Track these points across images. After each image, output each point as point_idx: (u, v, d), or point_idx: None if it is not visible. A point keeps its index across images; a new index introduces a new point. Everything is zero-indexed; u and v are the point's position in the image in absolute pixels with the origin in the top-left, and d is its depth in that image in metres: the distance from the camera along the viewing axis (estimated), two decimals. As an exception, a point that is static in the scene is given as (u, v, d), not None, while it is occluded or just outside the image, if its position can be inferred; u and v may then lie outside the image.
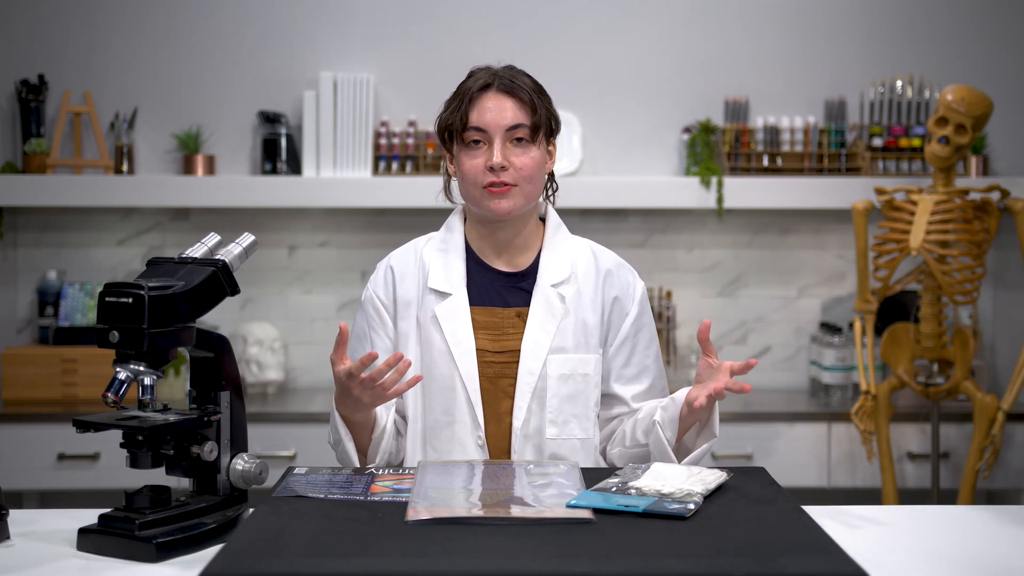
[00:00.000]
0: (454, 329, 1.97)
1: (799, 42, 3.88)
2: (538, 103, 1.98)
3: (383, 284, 2.06)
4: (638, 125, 3.88)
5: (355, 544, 1.41)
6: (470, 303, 1.99)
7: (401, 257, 2.08)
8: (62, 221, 3.87)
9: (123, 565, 1.53)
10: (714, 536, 1.44)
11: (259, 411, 3.49)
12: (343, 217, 3.89)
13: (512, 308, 2.00)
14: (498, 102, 1.96)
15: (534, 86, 2.00)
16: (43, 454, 3.40)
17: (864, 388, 3.36)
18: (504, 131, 1.95)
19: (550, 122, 2.01)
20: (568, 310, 2.00)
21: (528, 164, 1.96)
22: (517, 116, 1.96)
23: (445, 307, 1.99)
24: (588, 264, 2.05)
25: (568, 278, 2.02)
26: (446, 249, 2.04)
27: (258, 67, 3.85)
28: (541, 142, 1.99)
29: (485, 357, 1.98)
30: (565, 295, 2.00)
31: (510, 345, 1.98)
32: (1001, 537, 1.65)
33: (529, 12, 3.85)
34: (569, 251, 2.05)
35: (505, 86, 1.97)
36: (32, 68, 3.80)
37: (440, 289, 2.00)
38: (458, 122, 1.97)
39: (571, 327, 1.99)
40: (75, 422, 1.64)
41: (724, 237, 3.94)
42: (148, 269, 1.72)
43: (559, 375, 1.98)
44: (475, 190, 1.97)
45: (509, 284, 2.02)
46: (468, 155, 1.97)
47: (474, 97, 1.97)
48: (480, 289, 2.01)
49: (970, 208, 3.25)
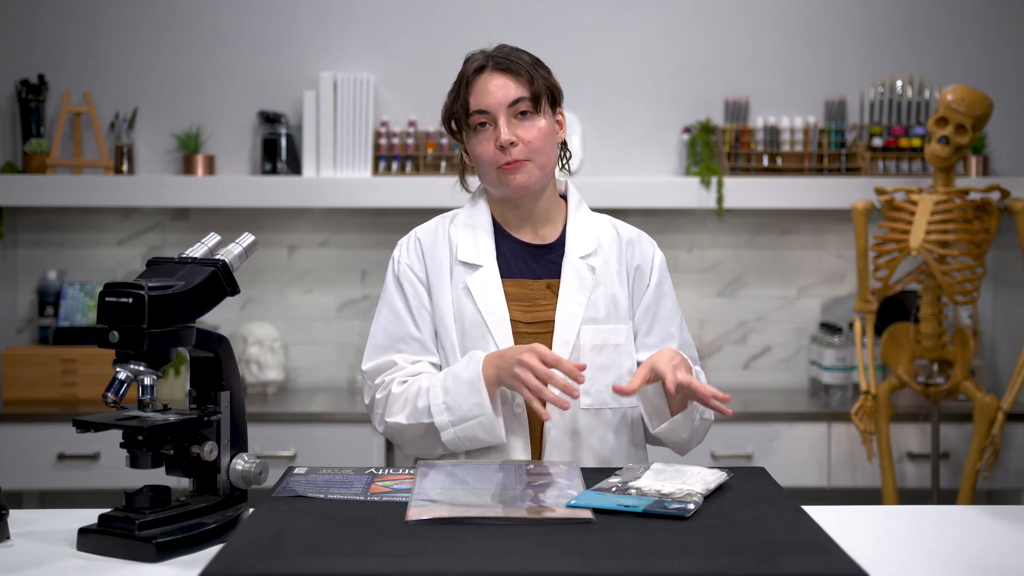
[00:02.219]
0: (487, 300, 1.97)
1: (799, 42, 3.88)
2: (534, 74, 1.98)
3: (416, 257, 2.04)
4: (638, 125, 3.88)
5: (355, 544, 1.41)
6: (500, 275, 2.00)
7: (427, 231, 2.08)
8: (62, 221, 3.87)
9: (123, 565, 1.53)
10: (714, 536, 1.44)
11: (259, 411, 3.49)
12: (343, 217, 3.89)
13: (542, 280, 2.01)
14: (495, 80, 1.97)
15: (530, 59, 2.01)
16: (43, 454, 3.40)
17: (864, 388, 3.36)
18: (506, 108, 1.95)
19: (551, 91, 2.02)
20: (598, 281, 2.01)
21: (536, 136, 1.96)
22: (515, 91, 1.96)
23: (476, 279, 1.99)
24: (611, 236, 2.07)
25: (595, 250, 2.03)
26: (473, 224, 2.05)
27: (258, 67, 3.85)
28: (546, 111, 2.00)
29: (518, 328, 1.97)
30: (595, 266, 2.01)
31: (543, 316, 1.98)
32: (1001, 537, 1.65)
33: (529, 12, 3.85)
34: (593, 225, 2.07)
35: (499, 64, 1.98)
36: (32, 68, 3.80)
37: (470, 261, 2.00)
38: (460, 108, 1.98)
39: (602, 298, 2.00)
40: (75, 422, 1.64)
41: (724, 237, 3.94)
42: (148, 269, 1.72)
43: (592, 345, 1.98)
44: (491, 171, 1.97)
45: (537, 256, 2.03)
46: (477, 139, 1.98)
47: (471, 80, 1.98)
48: (509, 261, 2.02)
49: (970, 208, 3.25)
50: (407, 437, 1.95)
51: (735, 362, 3.95)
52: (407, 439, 1.96)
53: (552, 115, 2.02)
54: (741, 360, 3.95)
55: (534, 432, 1.96)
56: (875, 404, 3.34)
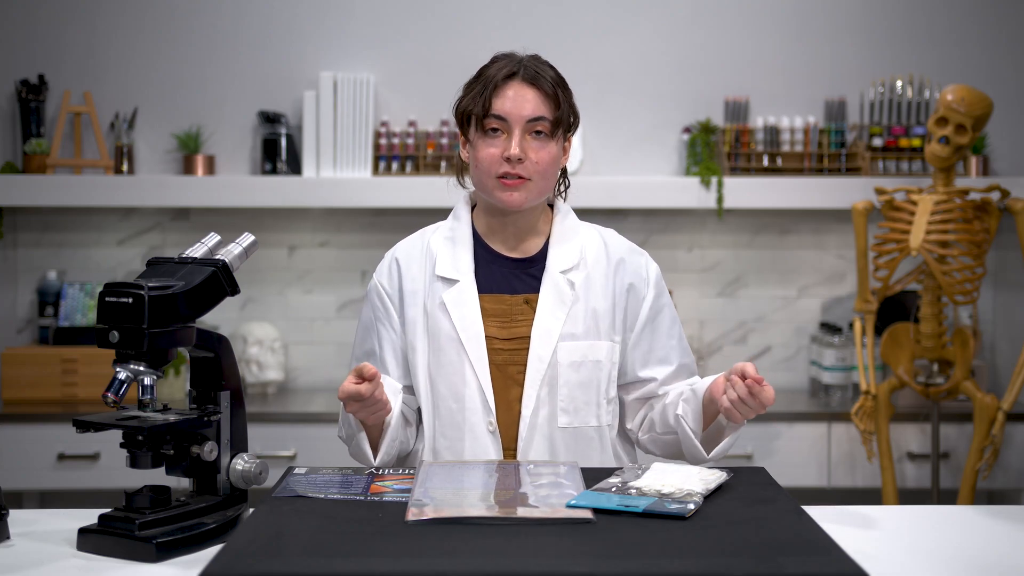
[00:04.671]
0: (462, 315, 1.96)
1: (799, 42, 3.88)
2: (561, 97, 1.96)
3: (387, 274, 2.05)
4: (638, 125, 3.88)
5: (355, 544, 1.41)
6: (478, 290, 1.99)
7: (407, 247, 2.08)
8: (62, 221, 3.87)
9: (123, 565, 1.53)
10: (714, 536, 1.44)
11: (259, 411, 3.49)
12: (343, 217, 3.89)
13: (520, 295, 1.99)
14: (522, 92, 1.95)
15: (557, 78, 1.99)
16: (43, 454, 3.39)
17: (864, 388, 3.36)
18: (525, 122, 1.94)
19: (571, 117, 2.00)
20: (578, 296, 1.98)
21: (545, 159, 1.95)
22: (539, 108, 1.95)
23: (453, 294, 1.98)
24: (598, 250, 2.04)
25: (577, 264, 2.01)
26: (453, 237, 2.04)
27: (258, 67, 3.85)
28: (559, 137, 1.98)
29: (494, 344, 1.96)
30: (575, 281, 1.99)
31: (519, 332, 1.97)
32: (1001, 537, 1.65)
33: (529, 12, 3.85)
34: (578, 237, 2.04)
35: (530, 76, 1.96)
36: (32, 68, 3.80)
37: (448, 276, 1.99)
38: (479, 108, 1.95)
39: (581, 314, 1.98)
40: (75, 422, 1.64)
41: (724, 237, 3.94)
42: (148, 269, 1.72)
43: (570, 362, 1.96)
44: (488, 179, 1.95)
45: (517, 270, 2.01)
46: (485, 143, 1.96)
47: (498, 84, 1.95)
48: (488, 276, 2.00)
49: (970, 208, 3.25)
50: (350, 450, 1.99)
51: (735, 362, 3.92)
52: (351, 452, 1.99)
53: (563, 141, 2.01)
54: (741, 360, 3.92)
55: (508, 451, 1.96)
56: (875, 404, 3.34)
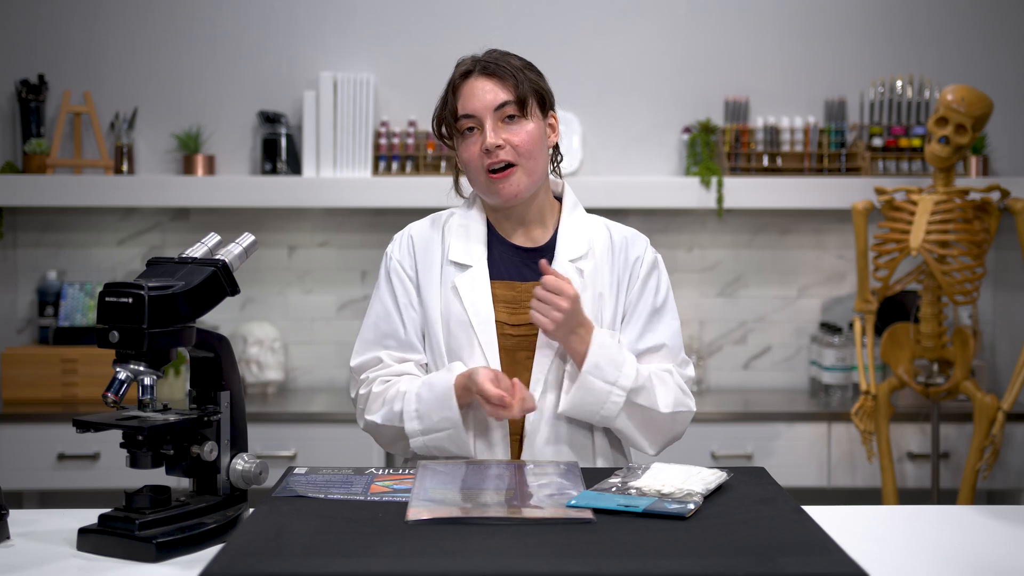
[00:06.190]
0: (474, 300, 1.98)
1: (799, 42, 3.88)
2: (520, 77, 1.98)
3: (407, 254, 2.07)
4: (638, 125, 3.88)
5: (355, 544, 1.41)
6: (490, 276, 2.01)
7: (421, 228, 2.09)
8: (62, 221, 3.87)
9: (123, 565, 1.53)
10: (714, 536, 1.44)
11: (259, 411, 3.49)
12: (343, 217, 3.89)
13: (531, 282, 2.00)
14: (480, 85, 1.98)
15: (519, 63, 2.02)
16: (43, 454, 3.40)
17: (864, 388, 3.36)
18: (492, 112, 1.96)
19: (540, 94, 2.02)
20: (586, 285, 2.01)
21: (524, 139, 1.97)
22: (500, 94, 1.97)
23: (465, 278, 2.00)
24: (604, 240, 2.07)
25: (586, 253, 2.03)
26: (467, 223, 2.06)
27: (258, 67, 3.85)
28: (535, 115, 2.00)
29: (504, 330, 1.98)
30: (584, 269, 2.02)
31: (528, 319, 1.98)
32: (1001, 537, 1.65)
33: (529, 12, 3.85)
34: (586, 228, 2.07)
35: (486, 68, 1.99)
36: (32, 68, 3.80)
37: (460, 261, 2.01)
38: (448, 113, 2.00)
39: (588, 302, 2.00)
40: (75, 422, 1.64)
41: (724, 237, 3.94)
42: (148, 269, 1.72)
43: None
44: (480, 176, 1.98)
45: (528, 259, 2.04)
46: (465, 144, 1.99)
47: (458, 85, 2.00)
48: (499, 263, 2.03)
49: (970, 208, 3.25)
50: (383, 436, 1.99)
51: (735, 362, 3.95)
52: (383, 438, 2.00)
53: (543, 119, 2.02)
54: (741, 360, 3.95)
55: (514, 436, 1.97)
56: (875, 404, 3.34)
